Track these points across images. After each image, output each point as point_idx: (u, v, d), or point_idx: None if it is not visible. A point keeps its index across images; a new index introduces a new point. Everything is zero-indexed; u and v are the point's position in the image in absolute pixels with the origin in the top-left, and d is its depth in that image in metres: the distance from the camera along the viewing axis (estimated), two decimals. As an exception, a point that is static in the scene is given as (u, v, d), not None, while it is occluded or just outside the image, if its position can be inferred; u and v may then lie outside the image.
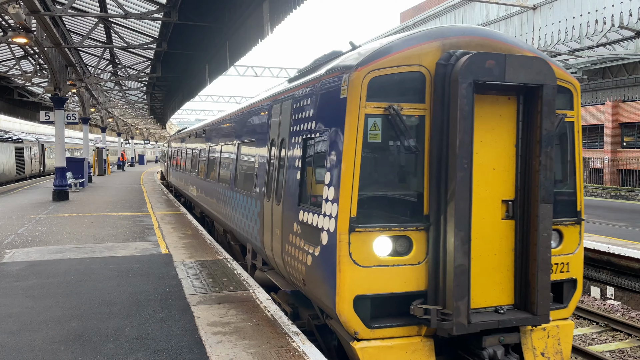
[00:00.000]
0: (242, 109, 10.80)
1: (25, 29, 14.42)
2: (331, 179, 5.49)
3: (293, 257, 6.47)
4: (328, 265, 5.43)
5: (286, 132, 7.16)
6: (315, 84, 6.27)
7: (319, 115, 6.02)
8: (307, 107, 6.45)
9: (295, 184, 6.56)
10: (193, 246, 11.35)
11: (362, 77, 5.28)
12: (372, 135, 5.37)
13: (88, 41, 20.63)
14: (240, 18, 13.47)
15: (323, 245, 5.55)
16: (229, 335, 5.91)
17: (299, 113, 6.72)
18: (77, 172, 27.50)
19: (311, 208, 5.96)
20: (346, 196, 5.26)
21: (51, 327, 6.17)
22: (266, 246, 7.81)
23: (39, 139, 46.51)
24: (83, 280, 8.29)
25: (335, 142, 5.50)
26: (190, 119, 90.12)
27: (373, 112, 5.32)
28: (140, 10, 15.65)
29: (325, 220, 5.52)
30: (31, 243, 11.56)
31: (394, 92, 5.36)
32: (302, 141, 6.45)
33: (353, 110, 5.30)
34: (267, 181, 7.89)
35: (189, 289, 7.80)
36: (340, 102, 5.48)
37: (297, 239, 6.31)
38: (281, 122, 7.48)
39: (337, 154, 5.43)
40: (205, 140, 15.37)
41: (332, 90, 5.76)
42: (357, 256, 5.25)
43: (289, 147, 6.96)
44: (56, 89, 20.68)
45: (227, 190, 11.19)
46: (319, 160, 5.96)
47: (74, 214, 16.75)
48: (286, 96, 7.44)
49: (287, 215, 6.74)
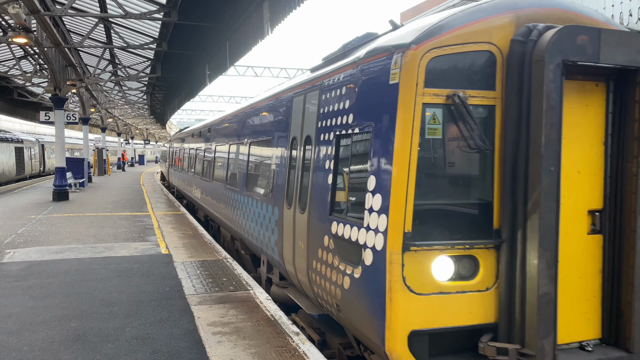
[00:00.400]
0: (255, 104, 9.67)
1: (25, 29, 14.42)
2: (377, 184, 4.58)
3: (323, 277, 5.58)
4: (374, 292, 4.53)
5: (312, 129, 6.25)
6: (353, 70, 5.34)
7: (358, 106, 5.10)
8: (340, 98, 5.52)
9: (325, 189, 5.67)
10: (193, 246, 11.35)
11: (419, 58, 4.33)
12: (430, 130, 4.46)
13: (88, 41, 20.64)
14: (240, 18, 13.48)
15: (366, 266, 4.64)
16: (229, 335, 5.91)
17: (329, 105, 5.81)
18: (77, 172, 27.51)
19: (348, 219, 5.08)
20: (398, 206, 4.34)
21: (51, 327, 6.17)
22: (286, 260, 6.93)
23: (39, 139, 46.51)
24: (83, 280, 8.28)
25: (382, 139, 4.60)
26: (190, 119, 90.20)
27: (432, 101, 4.38)
28: (140, 10, 15.65)
29: (369, 236, 4.62)
30: (31, 243, 11.56)
31: (457, 77, 4.42)
32: (334, 138, 5.56)
33: (407, 98, 4.37)
34: (287, 185, 6.99)
35: (189, 289, 7.79)
36: (388, 90, 4.58)
37: (329, 256, 5.41)
38: (305, 117, 6.57)
39: (385, 154, 4.53)
40: (211, 139, 14.27)
41: (376, 75, 4.85)
42: (413, 281, 4.34)
43: (316, 146, 6.07)
44: (56, 89, 20.69)
45: (237, 194, 10.14)
46: (358, 161, 5.08)
47: (74, 214, 16.75)
48: (311, 87, 6.48)
49: (314, 227, 5.85)
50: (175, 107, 35.32)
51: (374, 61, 4.95)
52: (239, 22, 13.80)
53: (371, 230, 4.60)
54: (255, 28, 12.66)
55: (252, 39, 13.17)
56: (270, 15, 11.44)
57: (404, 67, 4.43)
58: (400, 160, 4.38)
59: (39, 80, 29.01)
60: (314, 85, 6.42)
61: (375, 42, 5.28)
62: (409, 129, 4.36)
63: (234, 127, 11.33)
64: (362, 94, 5.08)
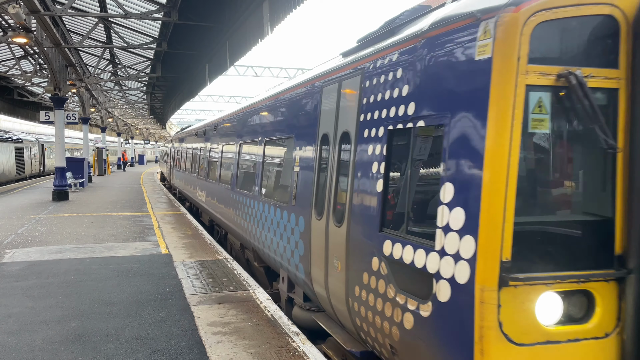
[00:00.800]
0: (271, 97, 8.54)
1: (25, 29, 14.41)
2: (457, 194, 3.50)
3: (371, 309, 4.59)
4: (454, 340, 3.52)
5: (351, 123, 5.23)
6: (414, 46, 4.23)
7: (424, 92, 4.02)
8: (394, 84, 4.47)
9: (372, 198, 4.66)
10: (193, 246, 11.34)
11: (521, 23, 3.26)
12: (536, 121, 3.37)
13: (88, 41, 20.63)
14: (240, 18, 13.47)
15: (441, 302, 3.61)
16: (229, 336, 5.91)
17: (376, 94, 4.77)
18: (77, 172, 27.52)
19: (410, 239, 4.04)
20: (492, 225, 3.28)
21: (51, 327, 6.16)
22: (315, 280, 5.95)
23: (38, 139, 46.53)
24: (83, 280, 8.28)
25: (464, 135, 3.53)
26: (190, 118, 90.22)
27: (539, 82, 3.30)
28: (140, 10, 15.65)
29: (444, 263, 3.57)
30: (31, 243, 11.56)
31: (571, 49, 3.36)
32: (385, 135, 4.53)
33: (504, 79, 3.29)
34: (316, 192, 5.99)
35: (189, 289, 7.79)
36: (473, 68, 3.53)
37: (381, 283, 4.40)
38: (341, 110, 5.53)
39: (470, 154, 3.47)
40: (218, 138, 13.19)
41: (452, 50, 3.76)
42: (512, 328, 3.28)
43: (357, 145, 5.04)
44: (56, 89, 20.69)
45: (249, 199, 9.06)
46: (424, 163, 4.10)
47: (73, 214, 16.75)
48: (349, 72, 5.43)
49: (357, 244, 4.88)
50: (175, 107, 35.32)
51: (449, 32, 3.81)
52: (239, 22, 13.80)
53: (448, 256, 3.54)
54: (255, 28, 12.65)
55: (252, 39, 13.16)
56: (270, 15, 11.43)
57: (500, 37, 3.32)
58: (495, 163, 3.28)
59: (39, 80, 29.01)
60: (353, 70, 5.34)
61: (440, 12, 4.19)
62: (508, 121, 3.27)
63: (245, 125, 10.23)
64: (430, 76, 3.96)
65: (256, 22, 12.48)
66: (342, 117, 5.51)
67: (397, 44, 4.56)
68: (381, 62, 4.78)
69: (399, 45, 4.52)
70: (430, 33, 4.07)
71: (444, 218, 3.61)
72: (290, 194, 6.83)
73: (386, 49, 4.77)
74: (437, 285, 3.63)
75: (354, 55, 5.58)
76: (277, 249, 7.38)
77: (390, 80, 4.57)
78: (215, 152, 13.54)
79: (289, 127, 7.33)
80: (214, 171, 13.33)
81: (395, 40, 4.66)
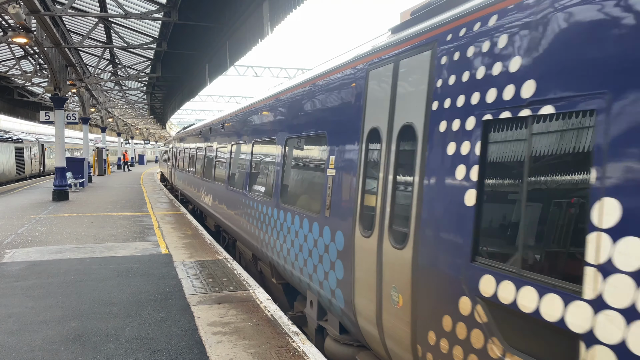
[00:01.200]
0: (293, 88, 7.37)
1: (25, 28, 14.42)
2: (627, 215, 2.39)
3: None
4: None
5: (416, 113, 4.12)
6: (539, 2, 3.01)
7: (557, 65, 2.84)
8: (492, 57, 3.33)
9: (459, 215, 3.50)
10: (193, 246, 11.34)
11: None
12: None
13: (88, 41, 20.65)
14: (240, 18, 13.48)
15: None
16: (229, 335, 5.91)
17: (460, 72, 3.64)
18: (77, 172, 27.54)
19: (534, 278, 2.87)
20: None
21: (51, 327, 6.17)
22: (360, 313, 4.87)
23: (39, 139, 46.56)
24: (83, 280, 8.28)
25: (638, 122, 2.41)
26: (190, 118, 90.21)
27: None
28: (140, 10, 15.66)
29: (605, 320, 2.44)
30: (31, 243, 11.56)
31: None
32: (480, 127, 3.38)
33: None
34: (361, 201, 4.87)
35: (189, 289, 7.79)
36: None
37: (476, 335, 3.26)
38: (399, 97, 4.42)
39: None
40: (227, 137, 12.06)
41: None
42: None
43: (427, 141, 3.92)
44: (56, 88, 20.70)
45: (267, 207, 7.91)
46: (553, 165, 2.89)
47: (74, 214, 16.75)
48: (410, 47, 4.31)
49: (432, 275, 3.73)
50: (175, 106, 35.33)
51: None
52: (238, 22, 13.81)
53: (611, 311, 2.40)
54: (255, 28, 12.65)
55: (252, 39, 13.17)
56: (271, 15, 11.44)
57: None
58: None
59: (39, 80, 29.03)
60: (418, 44, 4.20)
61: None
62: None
63: (261, 121, 9.05)
64: (568, 39, 2.78)
65: (256, 22, 12.49)
66: (401, 106, 4.38)
67: (494, 2, 3.41)
68: (467, 30, 3.63)
69: (498, 2, 3.37)
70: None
71: (600, 252, 2.47)
72: (322, 203, 5.74)
73: (477, 10, 3.58)
74: (587, 352, 2.50)
75: (417, 27, 4.35)
76: (303, 267, 6.29)
77: (486, 52, 3.41)
78: (223, 151, 12.32)
79: (319, 122, 6.16)
80: (222, 173, 12.14)
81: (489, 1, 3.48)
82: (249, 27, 13.24)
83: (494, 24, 3.38)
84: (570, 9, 2.81)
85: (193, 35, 16.62)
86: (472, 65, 3.54)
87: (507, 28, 3.26)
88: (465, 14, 3.72)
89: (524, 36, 3.10)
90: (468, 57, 3.59)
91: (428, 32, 4.13)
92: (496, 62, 3.32)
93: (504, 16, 3.29)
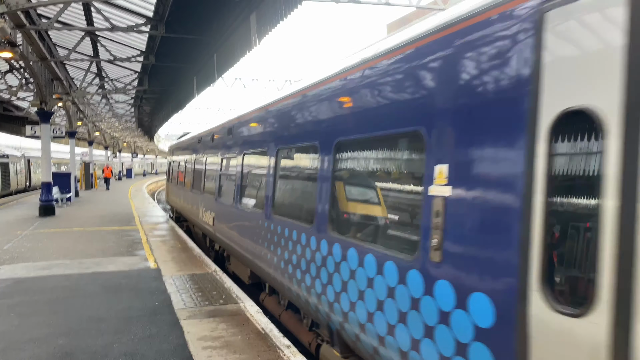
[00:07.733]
0: (350, 70, 5.02)
1: (10, 43, 14.31)
2: None
3: None
4: None
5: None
6: None
7: None
8: None
9: None
10: (182, 260, 11.24)
11: None
12: None
13: (74, 54, 20.53)
14: (227, 30, 13.52)
15: None
16: (219, 350, 5.84)
17: None
18: (63, 187, 27.26)
19: None
20: None
21: (38, 345, 6.05)
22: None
23: (24, 153, 46.09)
24: (70, 297, 8.16)
25: None
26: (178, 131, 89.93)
27: None
28: (126, 23, 15.63)
29: None
30: (17, 259, 11.38)
31: None
32: None
33: None
34: (539, 243, 2.74)
35: (178, 304, 7.70)
36: None
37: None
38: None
39: None
40: (236, 146, 9.64)
41: None
42: None
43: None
44: (42, 103, 20.53)
45: (301, 230, 5.94)
46: None
47: (60, 229, 16.54)
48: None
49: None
50: (163, 119, 35.21)
51: None
52: (226, 34, 13.84)
53: None
54: (243, 40, 12.69)
55: (240, 51, 13.21)
56: (258, 27, 11.49)
57: None
58: None
59: (25, 95, 28.76)
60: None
61: None
62: None
63: (281, 124, 7.00)
64: None
65: (243, 34, 12.53)
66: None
67: None
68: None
69: None
70: None
71: None
72: (422, 241, 3.67)
73: None
74: None
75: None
76: (368, 323, 4.39)
77: None
78: (232, 163, 9.95)
79: (413, 113, 3.92)
80: (230, 190, 9.75)
81: None
82: (237, 39, 13.28)
83: None
84: None
85: (180, 48, 16.61)
86: None
87: None
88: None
89: None
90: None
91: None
92: None
93: None
